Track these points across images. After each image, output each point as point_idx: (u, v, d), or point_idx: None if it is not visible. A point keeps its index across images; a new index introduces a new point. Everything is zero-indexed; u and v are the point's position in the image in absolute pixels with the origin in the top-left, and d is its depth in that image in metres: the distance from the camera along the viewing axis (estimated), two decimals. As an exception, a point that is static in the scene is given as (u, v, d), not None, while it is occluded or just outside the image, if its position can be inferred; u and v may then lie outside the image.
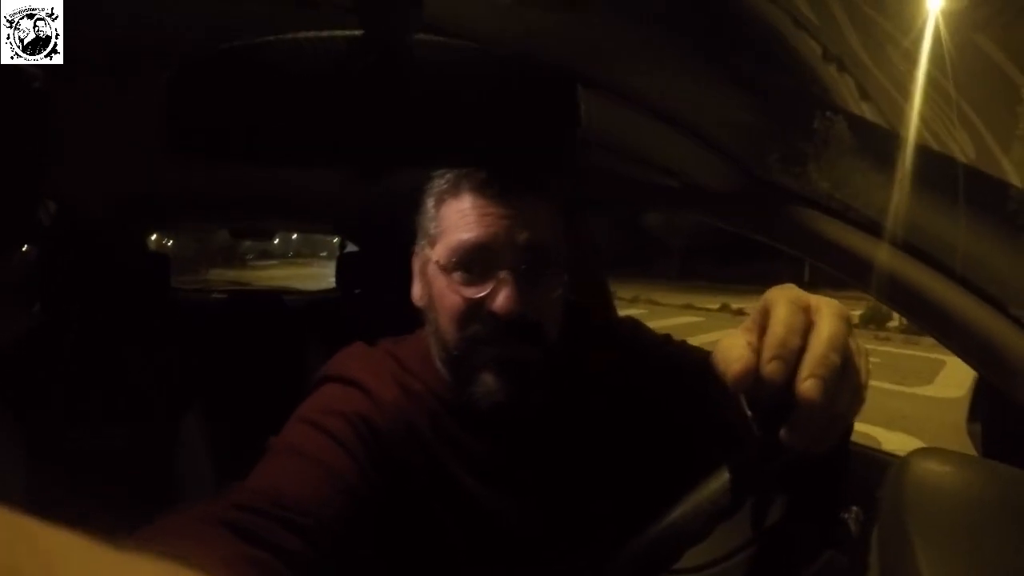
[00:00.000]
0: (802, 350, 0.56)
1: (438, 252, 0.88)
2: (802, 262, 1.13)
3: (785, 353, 0.55)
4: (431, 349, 0.94)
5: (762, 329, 0.58)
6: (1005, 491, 0.51)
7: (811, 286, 0.63)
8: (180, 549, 0.51)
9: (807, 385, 0.54)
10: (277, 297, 2.76)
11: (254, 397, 1.67)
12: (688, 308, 15.32)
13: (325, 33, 0.60)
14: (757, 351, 0.57)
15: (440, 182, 0.91)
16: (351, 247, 3.17)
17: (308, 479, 0.74)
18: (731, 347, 0.59)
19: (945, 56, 0.76)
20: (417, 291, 0.96)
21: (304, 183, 1.91)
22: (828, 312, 0.58)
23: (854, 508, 0.74)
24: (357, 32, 0.60)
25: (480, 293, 0.85)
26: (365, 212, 2.35)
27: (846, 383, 0.57)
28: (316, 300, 2.99)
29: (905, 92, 0.82)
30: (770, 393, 0.56)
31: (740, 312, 13.89)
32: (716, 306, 14.97)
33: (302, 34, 0.60)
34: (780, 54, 0.87)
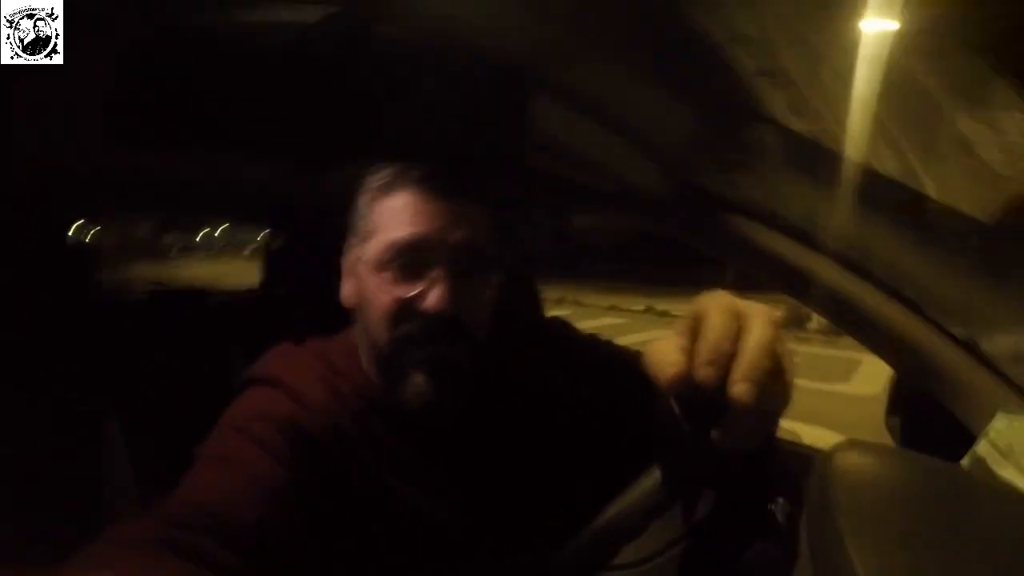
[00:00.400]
0: (734, 354, 0.58)
1: (370, 249, 0.86)
2: (726, 265, 1.18)
3: (719, 358, 0.57)
4: (360, 349, 0.92)
5: (694, 333, 0.60)
6: (924, 478, 0.56)
7: (734, 289, 0.65)
8: None
9: (739, 389, 0.56)
10: (200, 296, 2.65)
11: (178, 402, 1.61)
12: (613, 309, 15.57)
13: (275, 18, 0.59)
14: (689, 355, 0.59)
15: (376, 179, 0.88)
16: (278, 243, 3.06)
17: (238, 490, 0.73)
18: (664, 351, 0.61)
19: (875, 76, 0.81)
20: (346, 290, 0.93)
21: (238, 174, 1.85)
22: (759, 318, 0.60)
23: (780, 499, 0.77)
24: (311, 18, 0.59)
25: (412, 291, 0.83)
26: (297, 207, 2.30)
27: (776, 384, 0.59)
28: (241, 299, 2.88)
29: (834, 109, 0.86)
30: (702, 395, 0.58)
31: (665, 314, 14.18)
32: (641, 308, 15.26)
33: (252, 17, 0.59)
34: (716, 67, 0.90)
